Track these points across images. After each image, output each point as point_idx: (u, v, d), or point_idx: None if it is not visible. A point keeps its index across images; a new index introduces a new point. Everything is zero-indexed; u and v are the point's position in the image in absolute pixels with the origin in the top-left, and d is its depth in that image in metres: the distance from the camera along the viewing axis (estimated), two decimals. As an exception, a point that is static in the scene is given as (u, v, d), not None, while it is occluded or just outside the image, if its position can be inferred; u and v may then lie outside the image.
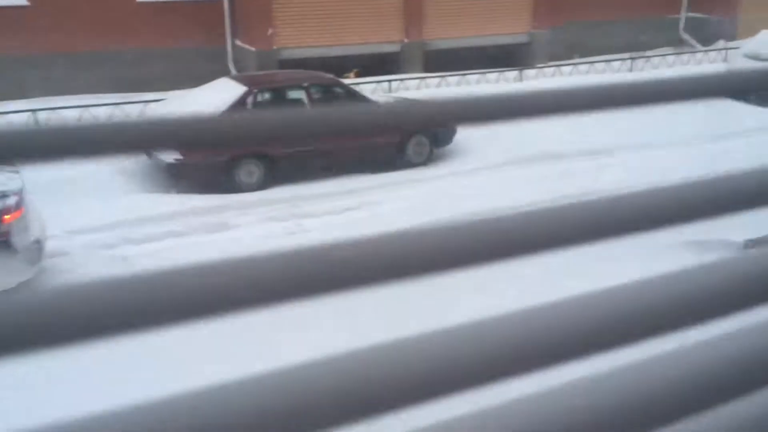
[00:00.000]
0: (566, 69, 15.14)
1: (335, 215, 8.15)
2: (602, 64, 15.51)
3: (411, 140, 9.79)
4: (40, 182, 7.85)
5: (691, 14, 18.42)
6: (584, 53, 17.30)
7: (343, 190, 8.77)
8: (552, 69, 14.98)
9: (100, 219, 7.47)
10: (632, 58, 15.66)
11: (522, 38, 15.81)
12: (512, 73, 14.51)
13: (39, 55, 12.69)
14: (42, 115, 10.60)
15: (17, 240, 5.74)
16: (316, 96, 9.27)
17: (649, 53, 16.40)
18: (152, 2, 13.38)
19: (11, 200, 5.75)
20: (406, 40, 14.61)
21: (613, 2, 17.01)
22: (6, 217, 5.67)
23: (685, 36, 18.38)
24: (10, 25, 12.37)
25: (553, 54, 16.29)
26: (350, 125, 1.09)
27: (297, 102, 9.22)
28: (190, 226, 7.60)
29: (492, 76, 14.28)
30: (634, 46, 16.86)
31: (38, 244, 6.03)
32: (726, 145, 10.00)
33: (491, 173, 9.45)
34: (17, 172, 6.25)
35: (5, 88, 12.42)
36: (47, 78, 12.78)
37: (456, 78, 13.89)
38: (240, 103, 8.76)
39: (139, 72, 13.47)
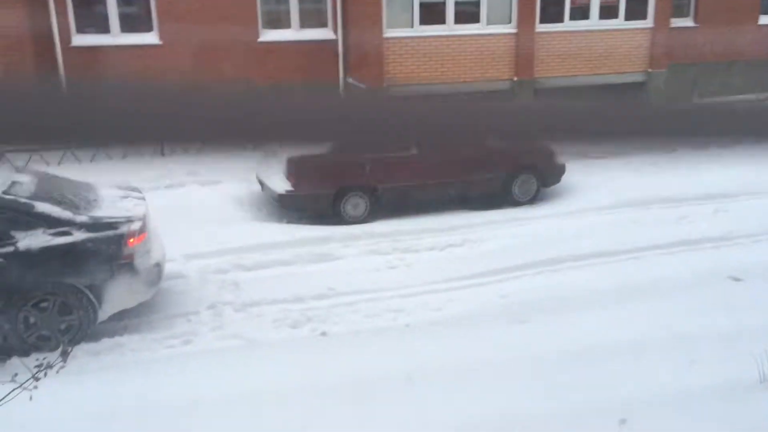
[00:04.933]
0: (684, 109, 14.56)
1: (437, 251, 8.17)
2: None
3: (517, 178, 9.70)
4: (161, 208, 8.36)
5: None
6: (704, 93, 16.60)
7: (445, 227, 8.78)
8: (668, 109, 14.44)
9: (216, 245, 7.83)
10: (759, 100, 14.88)
11: (638, 77, 15.40)
12: (626, 113, 14.10)
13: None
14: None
15: (139, 263, 6.08)
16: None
17: (773, 94, 15.53)
18: (271, 42, 14.06)
19: (136, 225, 6.07)
20: (515, 78, 14.57)
21: (733, 43, 16.29)
22: (131, 240, 5.99)
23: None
24: (143, 62, 13.32)
25: (670, 93, 15.73)
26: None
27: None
28: (297, 255, 7.84)
29: (604, 115, 13.94)
30: (756, 87, 16.00)
31: (158, 267, 6.36)
32: None
33: (598, 215, 9.19)
34: (143, 198, 6.66)
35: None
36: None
37: (566, 117, 13.65)
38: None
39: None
